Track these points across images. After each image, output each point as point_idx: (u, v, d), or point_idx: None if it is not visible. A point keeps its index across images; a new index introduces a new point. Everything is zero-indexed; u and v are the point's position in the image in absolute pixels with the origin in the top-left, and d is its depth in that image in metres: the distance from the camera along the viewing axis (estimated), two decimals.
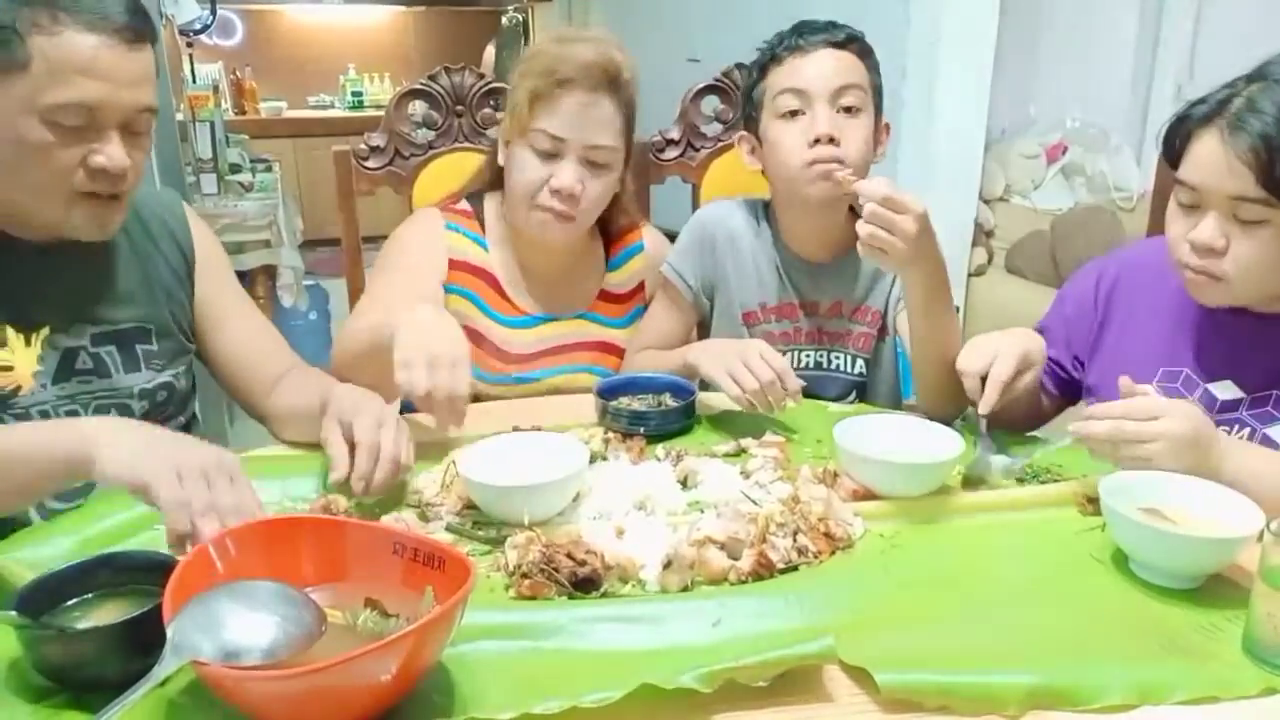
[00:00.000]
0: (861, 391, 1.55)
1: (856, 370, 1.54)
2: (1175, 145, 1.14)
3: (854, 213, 1.40)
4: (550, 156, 1.39)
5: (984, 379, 1.17)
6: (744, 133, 1.52)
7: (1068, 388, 1.39)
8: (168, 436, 0.98)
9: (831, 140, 1.37)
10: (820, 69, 1.39)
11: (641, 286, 1.61)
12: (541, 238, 1.46)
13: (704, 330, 1.59)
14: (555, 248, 1.50)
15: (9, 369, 1.12)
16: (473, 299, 1.49)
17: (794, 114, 1.39)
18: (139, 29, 1.07)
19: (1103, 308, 1.34)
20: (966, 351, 1.21)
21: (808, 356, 1.54)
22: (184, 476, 0.89)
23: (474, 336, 1.46)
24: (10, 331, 1.13)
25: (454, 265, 1.48)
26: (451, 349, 1.10)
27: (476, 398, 1.43)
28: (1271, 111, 1.04)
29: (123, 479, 0.91)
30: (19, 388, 1.13)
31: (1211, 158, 1.07)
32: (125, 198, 1.13)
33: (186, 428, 1.31)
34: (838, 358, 1.54)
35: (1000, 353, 1.18)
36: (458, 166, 1.68)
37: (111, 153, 1.07)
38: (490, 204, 1.53)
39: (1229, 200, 1.07)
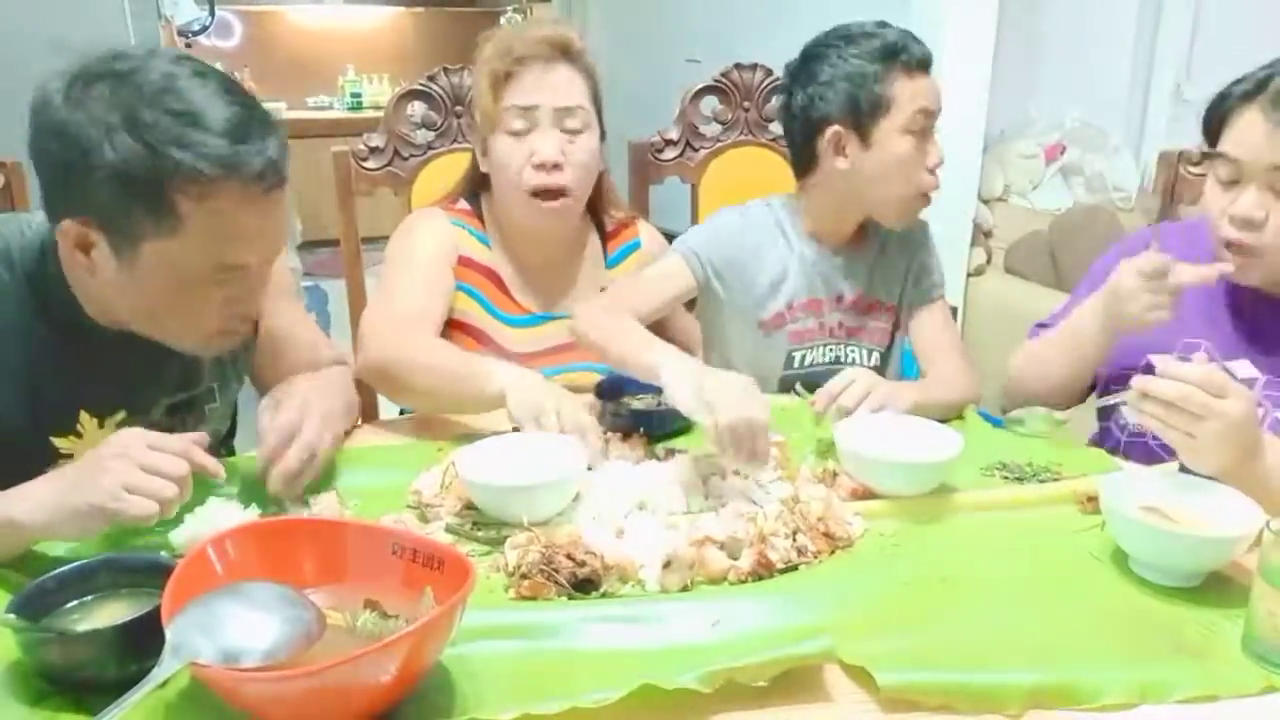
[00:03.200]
0: None
1: (871, 363, 1.56)
2: (1214, 123, 1.17)
3: None
4: (524, 134, 1.39)
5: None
6: (837, 128, 1.42)
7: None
8: (69, 470, 0.95)
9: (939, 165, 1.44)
10: (933, 94, 1.43)
11: None
12: (540, 225, 1.46)
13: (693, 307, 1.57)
14: (553, 238, 1.50)
15: (69, 457, 1.09)
16: (478, 298, 1.49)
17: (921, 132, 1.42)
18: (280, 173, 1.01)
19: None
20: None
21: (830, 352, 1.55)
22: (108, 475, 0.88)
23: (478, 336, 1.47)
24: (84, 416, 1.10)
25: (462, 262, 1.48)
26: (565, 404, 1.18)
27: None
28: None
29: (63, 530, 0.91)
30: None
31: (1253, 131, 1.12)
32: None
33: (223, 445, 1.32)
34: (853, 351, 1.55)
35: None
36: (457, 167, 1.67)
37: (256, 301, 1.10)
38: (486, 203, 1.53)
39: (1270, 171, 1.11)
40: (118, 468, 0.89)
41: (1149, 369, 1.18)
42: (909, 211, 1.47)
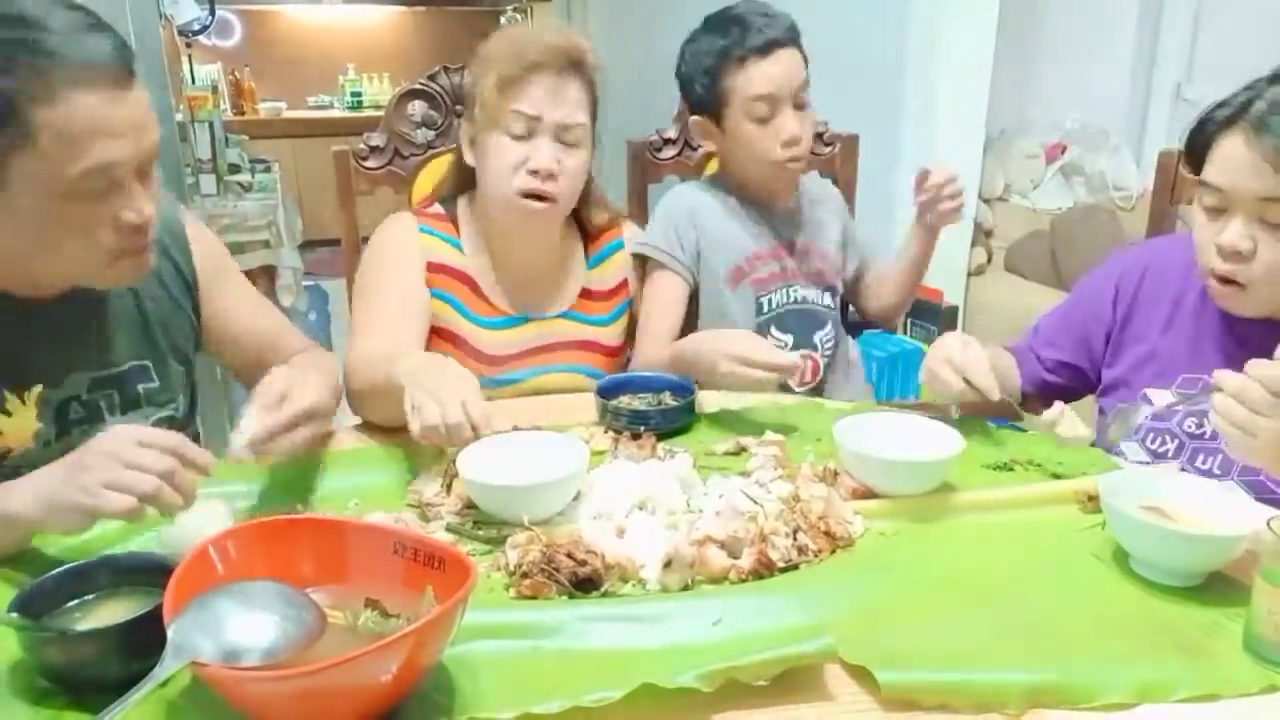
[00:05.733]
0: (834, 325, 1.69)
1: (826, 304, 1.68)
2: (1197, 149, 1.13)
3: None
4: (523, 139, 1.39)
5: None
6: (698, 119, 1.62)
7: (1063, 388, 1.39)
8: (64, 461, 0.93)
9: (799, 138, 1.54)
10: (785, 73, 1.52)
11: (625, 284, 1.60)
12: (523, 227, 1.45)
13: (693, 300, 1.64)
14: (535, 241, 1.49)
15: None
16: (450, 302, 1.47)
17: (763, 115, 1.52)
18: (128, 66, 0.99)
19: (1124, 308, 1.33)
20: (938, 386, 1.22)
21: (794, 293, 1.64)
22: (89, 472, 0.88)
23: (452, 340, 1.46)
24: (6, 393, 1.09)
25: (431, 268, 1.46)
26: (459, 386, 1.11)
27: None
28: None
29: (53, 524, 0.91)
30: (9, 450, 1.09)
31: (1237, 159, 1.07)
32: (153, 239, 1.10)
33: None
34: (813, 292, 1.66)
35: (949, 353, 1.21)
36: None
37: (139, 207, 1.03)
38: (463, 206, 1.52)
39: (1256, 201, 1.07)
40: (99, 464, 0.89)
41: (1145, 402, 1.23)
42: (779, 180, 1.60)
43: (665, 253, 1.58)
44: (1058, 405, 1.24)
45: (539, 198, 1.40)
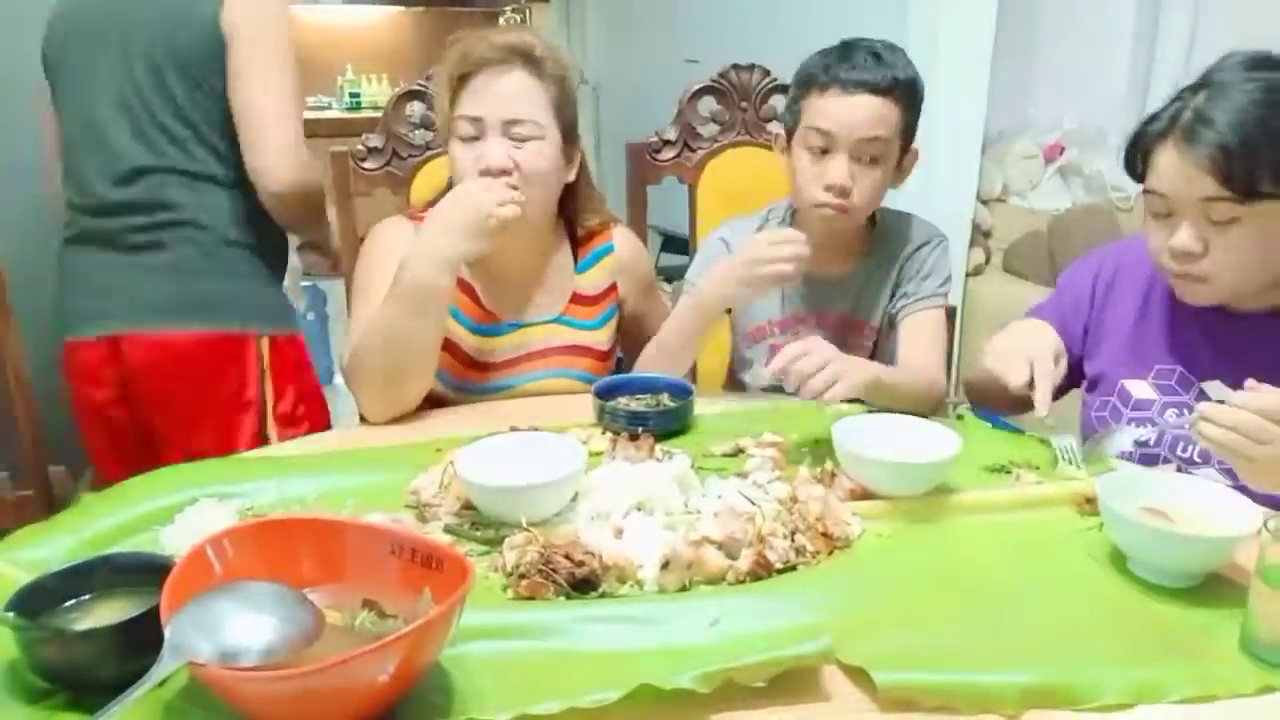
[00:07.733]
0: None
1: None
2: (1136, 161, 1.18)
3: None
4: (474, 140, 1.38)
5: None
6: (779, 131, 1.54)
7: (1063, 386, 1.39)
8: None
9: (843, 189, 1.42)
10: (851, 117, 1.41)
11: (614, 288, 1.57)
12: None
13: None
14: (515, 244, 1.44)
15: None
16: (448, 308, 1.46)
17: (818, 149, 1.43)
18: None
19: (1099, 302, 1.36)
20: (1002, 366, 1.19)
21: None
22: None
23: (447, 346, 1.43)
24: None
25: None
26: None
27: (448, 402, 1.45)
28: (1222, 118, 1.07)
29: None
30: None
31: (1173, 169, 1.11)
32: None
33: None
34: None
35: (1037, 354, 1.19)
36: None
37: None
38: None
39: (1199, 203, 1.10)
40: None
41: (1124, 395, 1.26)
42: (818, 225, 1.46)
43: (697, 288, 1.50)
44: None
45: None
